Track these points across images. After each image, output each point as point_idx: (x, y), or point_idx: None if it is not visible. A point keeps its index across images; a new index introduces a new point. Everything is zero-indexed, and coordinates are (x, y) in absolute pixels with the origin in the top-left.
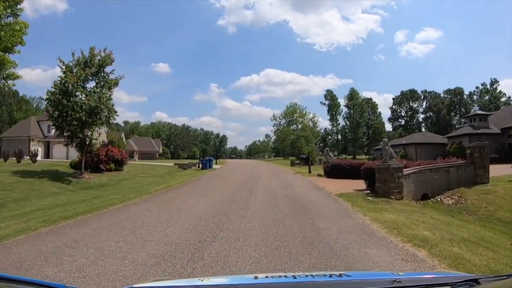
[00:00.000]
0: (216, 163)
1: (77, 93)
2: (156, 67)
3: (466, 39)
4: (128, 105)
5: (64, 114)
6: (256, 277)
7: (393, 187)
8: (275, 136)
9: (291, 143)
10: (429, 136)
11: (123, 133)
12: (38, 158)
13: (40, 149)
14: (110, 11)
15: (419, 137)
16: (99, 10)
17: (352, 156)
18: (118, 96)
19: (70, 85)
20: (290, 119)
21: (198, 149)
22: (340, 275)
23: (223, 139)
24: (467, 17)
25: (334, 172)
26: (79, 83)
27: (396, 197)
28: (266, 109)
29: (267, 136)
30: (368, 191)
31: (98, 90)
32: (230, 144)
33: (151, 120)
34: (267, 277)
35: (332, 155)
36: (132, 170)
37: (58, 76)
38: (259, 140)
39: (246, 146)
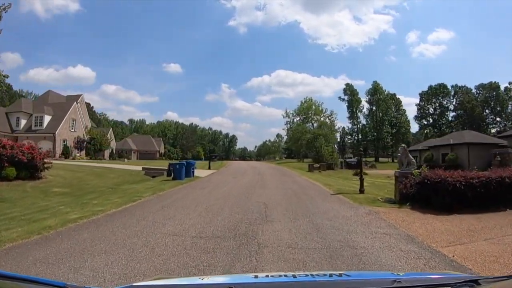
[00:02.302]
0: (209, 167)
1: None
2: (167, 67)
3: (479, 39)
4: (139, 105)
5: None
6: (256, 276)
7: None
8: (287, 136)
9: (307, 143)
10: (478, 135)
11: (111, 129)
12: None
13: None
14: (121, 12)
15: (470, 136)
16: (110, 10)
17: (373, 159)
18: (130, 95)
19: None
20: (305, 116)
21: (202, 149)
22: (340, 275)
23: (232, 139)
24: (479, 18)
25: (426, 195)
26: None
27: None
28: (277, 110)
29: (278, 135)
30: None
31: None
32: (240, 144)
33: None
34: (267, 276)
35: (413, 159)
36: (60, 177)
37: None
38: (269, 140)
39: (256, 146)
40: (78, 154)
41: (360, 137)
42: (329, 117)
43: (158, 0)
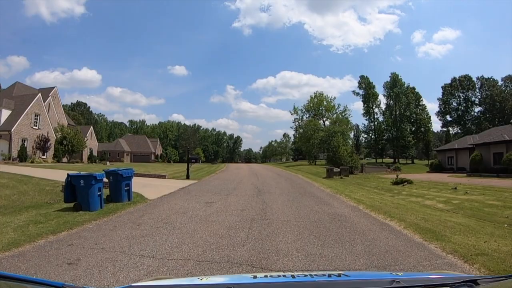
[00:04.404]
0: (187, 176)
1: None
2: (173, 70)
3: (486, 38)
4: (145, 107)
5: None
6: (255, 277)
7: None
8: (295, 135)
9: (320, 142)
10: None
11: (91, 127)
12: None
13: None
14: (126, 15)
15: None
16: (115, 14)
17: (393, 160)
18: (136, 98)
19: None
20: (315, 113)
21: (202, 150)
22: (339, 275)
23: (237, 141)
24: (486, 15)
25: None
26: None
27: None
28: (283, 111)
29: (285, 135)
30: None
31: None
32: (246, 146)
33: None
34: (266, 276)
35: None
36: None
37: None
38: (275, 141)
39: (261, 147)
40: (43, 156)
41: (377, 135)
42: (342, 114)
43: (163, 3)
